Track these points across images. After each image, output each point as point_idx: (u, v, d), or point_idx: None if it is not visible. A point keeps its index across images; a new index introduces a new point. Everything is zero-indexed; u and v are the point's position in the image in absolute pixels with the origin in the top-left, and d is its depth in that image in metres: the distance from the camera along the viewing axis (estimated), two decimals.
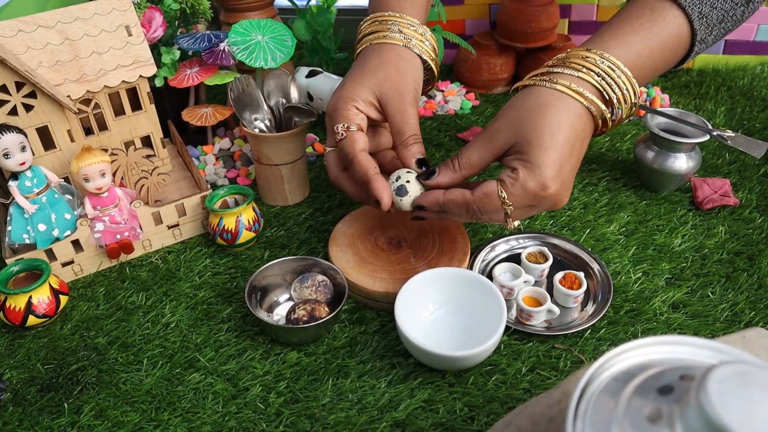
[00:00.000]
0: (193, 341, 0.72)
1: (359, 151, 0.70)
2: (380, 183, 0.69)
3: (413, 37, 0.76)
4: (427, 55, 0.77)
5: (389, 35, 0.75)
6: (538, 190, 0.63)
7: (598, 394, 0.33)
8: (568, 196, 0.67)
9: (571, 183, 0.67)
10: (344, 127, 0.71)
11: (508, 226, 0.68)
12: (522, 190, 0.64)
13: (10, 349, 0.73)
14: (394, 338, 0.70)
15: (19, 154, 0.73)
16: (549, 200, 0.65)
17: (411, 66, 0.75)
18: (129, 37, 0.83)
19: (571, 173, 0.66)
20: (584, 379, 0.34)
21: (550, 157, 0.63)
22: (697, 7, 0.69)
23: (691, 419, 0.28)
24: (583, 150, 0.67)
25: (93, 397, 0.66)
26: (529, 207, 0.66)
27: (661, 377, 0.33)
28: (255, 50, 0.94)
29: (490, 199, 0.65)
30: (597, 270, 0.77)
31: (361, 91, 0.72)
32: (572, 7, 1.22)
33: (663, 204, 0.89)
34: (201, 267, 0.82)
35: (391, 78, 0.73)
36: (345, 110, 0.71)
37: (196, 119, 0.98)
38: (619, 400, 0.32)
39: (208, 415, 0.64)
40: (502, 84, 1.22)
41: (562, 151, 0.64)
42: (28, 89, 0.75)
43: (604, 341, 0.69)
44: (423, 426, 0.61)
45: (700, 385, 0.28)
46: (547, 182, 0.63)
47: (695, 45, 0.71)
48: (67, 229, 0.79)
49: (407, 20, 0.77)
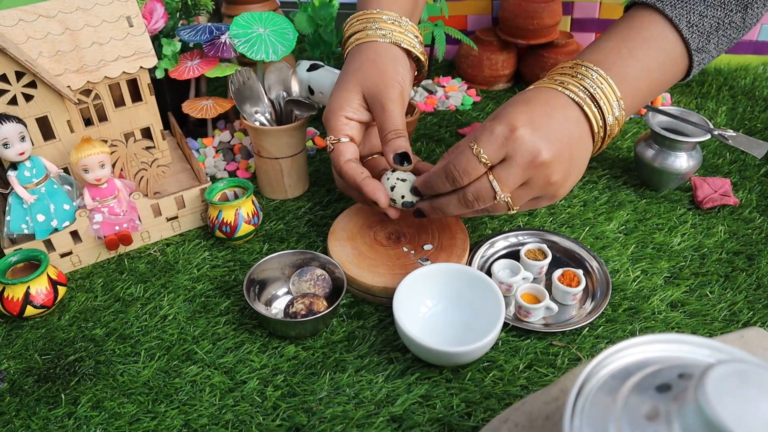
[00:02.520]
0: (190, 334, 0.72)
1: (345, 162, 0.72)
2: (371, 185, 0.70)
3: (393, 30, 0.77)
4: (408, 44, 0.77)
5: (368, 33, 0.77)
6: (506, 132, 0.62)
7: (595, 391, 0.33)
8: (554, 159, 0.63)
9: (561, 151, 0.64)
10: (332, 140, 0.73)
11: (497, 197, 0.64)
12: (489, 134, 0.63)
13: (7, 339, 0.73)
14: (392, 333, 0.70)
15: (19, 144, 0.73)
16: (524, 147, 0.62)
17: (391, 60, 0.75)
18: (130, 28, 0.83)
19: (554, 137, 0.63)
20: (582, 376, 0.34)
21: (520, 107, 0.64)
22: (685, 17, 0.69)
23: (689, 418, 0.28)
24: (572, 129, 0.65)
25: (90, 388, 0.66)
26: (508, 163, 0.63)
27: (659, 375, 0.33)
28: (256, 43, 0.94)
29: (462, 153, 0.64)
30: (596, 268, 0.77)
31: (347, 98, 0.74)
32: (575, 4, 1.22)
33: (663, 203, 0.88)
34: (199, 260, 0.82)
35: (371, 77, 0.74)
36: (333, 122, 0.74)
37: (196, 111, 0.98)
38: (617, 397, 0.32)
39: (205, 408, 0.63)
40: (503, 80, 1.22)
41: (535, 109, 0.64)
42: (28, 79, 0.75)
43: (602, 339, 0.69)
44: (420, 421, 0.61)
45: (698, 384, 0.28)
46: (515, 123, 0.62)
47: (693, 55, 0.71)
48: (65, 220, 0.78)
49: (386, 15, 0.78)
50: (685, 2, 0.69)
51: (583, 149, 0.67)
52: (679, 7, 0.69)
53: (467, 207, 0.66)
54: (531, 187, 0.65)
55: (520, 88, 1.22)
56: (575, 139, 0.66)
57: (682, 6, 0.69)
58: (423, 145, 1.05)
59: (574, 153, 0.66)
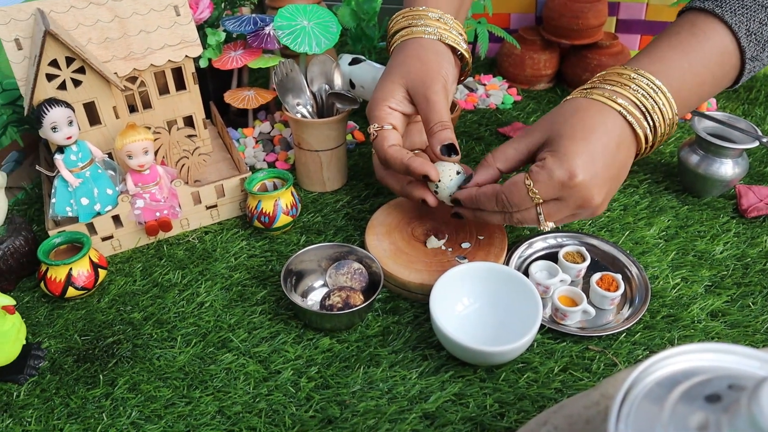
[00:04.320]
0: (226, 322, 0.72)
1: (389, 147, 0.73)
2: (418, 161, 0.70)
3: (438, 27, 0.77)
4: (452, 41, 0.78)
5: (414, 30, 0.78)
6: (565, 179, 0.63)
7: (641, 398, 0.33)
8: (602, 198, 0.66)
9: (608, 187, 0.66)
10: (376, 127, 0.74)
11: (541, 226, 0.67)
12: (548, 177, 0.63)
13: (49, 318, 0.74)
14: (427, 330, 0.70)
15: (67, 128, 0.74)
16: (579, 193, 0.64)
17: (435, 54, 0.76)
18: (177, 17, 0.84)
19: (607, 175, 0.65)
20: (627, 383, 0.34)
21: (580, 147, 0.64)
22: (744, 24, 0.68)
23: (742, 430, 0.28)
24: (622, 158, 0.67)
25: (127, 370, 0.67)
26: (559, 201, 0.65)
27: (708, 385, 0.32)
28: (300, 35, 0.94)
29: (516, 188, 0.65)
30: (635, 273, 0.75)
31: (391, 89, 0.75)
32: (621, 5, 1.20)
33: (705, 210, 0.87)
34: (237, 249, 0.83)
35: (415, 70, 0.75)
36: (377, 111, 0.75)
37: (238, 101, 0.99)
38: (664, 405, 0.31)
39: (239, 396, 0.64)
40: (545, 80, 1.21)
41: (595, 146, 0.64)
42: (78, 65, 0.76)
43: (640, 345, 0.68)
44: (452, 419, 0.61)
45: (752, 396, 0.28)
46: (575, 170, 0.63)
47: (746, 63, 0.69)
48: (108, 204, 0.80)
49: (432, 12, 0.79)
50: (746, 9, 0.67)
51: (627, 170, 0.69)
52: (739, 14, 0.67)
53: (508, 223, 0.70)
54: (574, 217, 0.68)
55: (562, 89, 1.21)
56: (623, 168, 0.68)
57: (742, 13, 0.67)
58: (462, 143, 1.04)
59: (620, 181, 0.68)
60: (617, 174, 0.67)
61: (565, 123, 0.66)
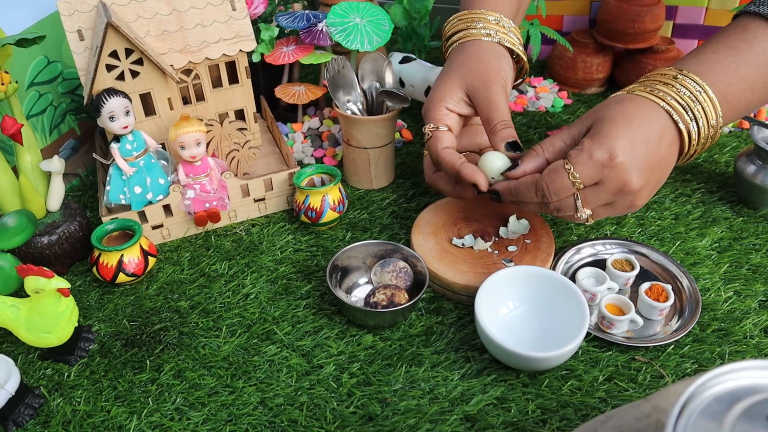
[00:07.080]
0: (271, 314, 0.73)
1: (442, 149, 0.73)
2: (470, 168, 0.70)
3: (497, 30, 0.77)
4: (510, 43, 0.77)
5: (472, 32, 0.77)
6: (605, 159, 0.62)
7: (698, 413, 0.32)
8: (641, 185, 0.64)
9: (648, 177, 0.65)
10: (431, 128, 0.74)
11: (579, 213, 0.66)
12: (587, 158, 0.63)
13: (99, 303, 0.76)
14: (471, 332, 0.70)
15: (123, 117, 0.76)
16: (618, 176, 0.63)
17: (495, 56, 0.76)
18: (232, 11, 0.85)
19: (647, 164, 0.64)
20: (684, 396, 0.33)
21: (621, 131, 0.63)
22: None
23: None
24: (664, 151, 0.66)
25: (173, 357, 0.69)
26: (597, 187, 0.64)
27: None
28: (352, 32, 0.94)
29: (557, 174, 0.64)
30: (686, 284, 0.74)
31: (449, 90, 0.75)
32: (678, 9, 1.17)
33: (761, 222, 0.84)
34: (283, 242, 0.84)
35: (475, 71, 0.74)
36: (433, 111, 0.74)
37: (288, 96, 0.99)
38: (723, 422, 0.31)
39: (281, 388, 0.65)
40: (596, 84, 1.19)
41: (636, 133, 0.63)
42: (136, 56, 0.78)
43: (688, 359, 0.66)
44: (493, 423, 0.60)
45: None
46: (615, 150, 0.62)
47: None
48: (160, 194, 0.81)
49: (490, 15, 0.78)
50: None
51: (670, 167, 0.68)
52: None
53: (544, 211, 0.69)
54: (613, 207, 0.67)
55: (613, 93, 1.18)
56: (665, 162, 0.67)
57: None
58: None
59: (661, 175, 0.67)
60: (658, 166, 0.65)
61: (606, 111, 0.66)
